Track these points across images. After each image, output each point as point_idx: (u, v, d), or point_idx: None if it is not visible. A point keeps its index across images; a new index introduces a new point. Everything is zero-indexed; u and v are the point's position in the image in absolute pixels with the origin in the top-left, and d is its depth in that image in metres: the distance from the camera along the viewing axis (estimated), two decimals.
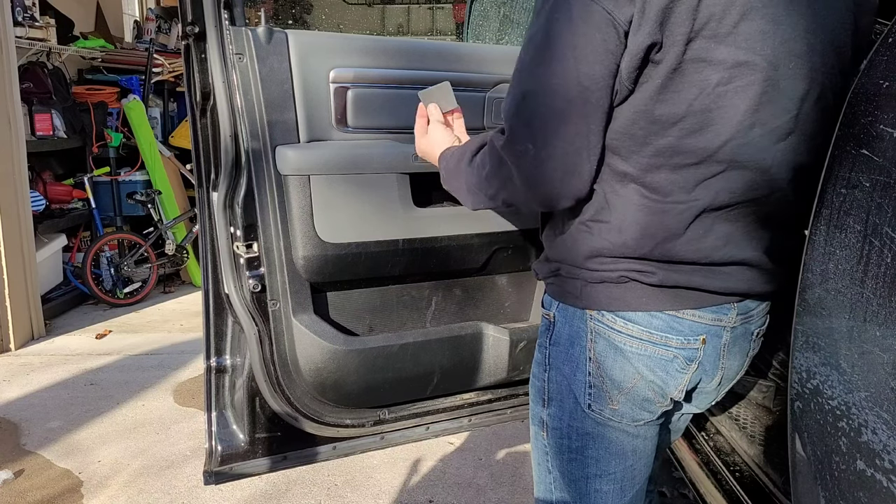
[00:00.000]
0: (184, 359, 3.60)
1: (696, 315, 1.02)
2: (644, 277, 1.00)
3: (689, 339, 1.02)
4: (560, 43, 0.91)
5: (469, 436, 2.75)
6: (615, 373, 1.05)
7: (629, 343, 1.02)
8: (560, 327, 1.10)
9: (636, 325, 1.02)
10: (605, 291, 1.03)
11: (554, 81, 0.92)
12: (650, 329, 1.01)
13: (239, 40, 1.42)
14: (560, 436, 1.13)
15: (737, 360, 1.11)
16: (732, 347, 1.08)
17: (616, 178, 0.98)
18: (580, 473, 1.13)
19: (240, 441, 1.61)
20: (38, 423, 2.88)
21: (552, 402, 1.13)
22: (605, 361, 1.05)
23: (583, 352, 1.07)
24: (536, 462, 1.21)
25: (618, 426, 1.09)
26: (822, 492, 0.91)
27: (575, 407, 1.10)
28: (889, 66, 0.82)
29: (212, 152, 1.51)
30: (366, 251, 1.56)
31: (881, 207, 0.79)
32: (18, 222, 3.76)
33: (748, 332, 1.10)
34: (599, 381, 1.06)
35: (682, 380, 1.05)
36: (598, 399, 1.07)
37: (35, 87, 4.31)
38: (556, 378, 1.12)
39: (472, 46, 2.57)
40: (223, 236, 1.51)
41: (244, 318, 1.52)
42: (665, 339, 1.02)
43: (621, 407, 1.07)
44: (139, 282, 4.63)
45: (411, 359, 1.64)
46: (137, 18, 6.32)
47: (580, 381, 1.08)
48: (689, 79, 0.90)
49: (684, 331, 1.02)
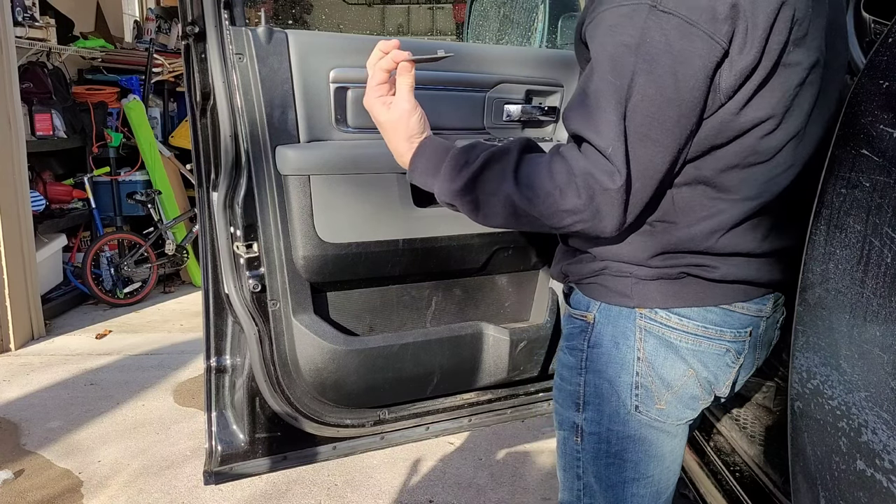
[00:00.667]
0: (184, 359, 3.60)
1: (745, 307, 1.04)
2: (705, 272, 1.00)
3: (740, 332, 1.05)
4: (657, 67, 0.87)
5: (469, 436, 2.75)
6: (665, 371, 1.04)
7: (684, 339, 1.02)
8: (601, 328, 1.07)
9: (691, 321, 1.02)
10: (660, 288, 1.02)
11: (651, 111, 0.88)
12: (706, 323, 1.02)
13: (239, 40, 1.42)
14: (598, 440, 1.10)
15: (765, 350, 1.13)
16: (764, 338, 1.11)
17: (686, 181, 0.98)
18: (617, 478, 1.11)
19: (240, 441, 1.61)
20: (38, 423, 2.88)
21: (589, 406, 1.10)
22: (655, 360, 1.04)
23: (630, 352, 1.05)
24: (563, 468, 1.18)
25: (661, 427, 1.08)
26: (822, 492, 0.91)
27: (617, 410, 1.08)
28: (889, 66, 0.82)
29: (212, 152, 1.51)
30: (366, 251, 1.56)
31: (881, 207, 0.79)
32: (18, 222, 3.76)
33: (775, 322, 1.12)
34: (648, 381, 1.05)
35: (730, 374, 1.07)
36: (644, 400, 1.06)
37: (35, 87, 4.32)
38: (594, 381, 1.09)
39: (472, 46, 2.57)
40: (223, 236, 1.51)
41: (244, 318, 1.52)
42: (720, 332, 1.03)
43: (668, 407, 1.06)
44: (139, 282, 4.63)
45: (411, 359, 1.64)
46: (137, 18, 6.32)
47: (625, 383, 1.06)
48: (775, 83, 0.92)
49: (735, 324, 1.04)
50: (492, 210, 0.97)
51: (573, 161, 0.91)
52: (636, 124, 0.88)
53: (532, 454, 2.66)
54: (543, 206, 0.92)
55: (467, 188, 0.97)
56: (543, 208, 0.92)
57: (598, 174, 0.89)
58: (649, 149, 0.89)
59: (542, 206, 0.92)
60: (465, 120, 1.69)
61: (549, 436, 2.78)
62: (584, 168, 0.90)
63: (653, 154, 0.90)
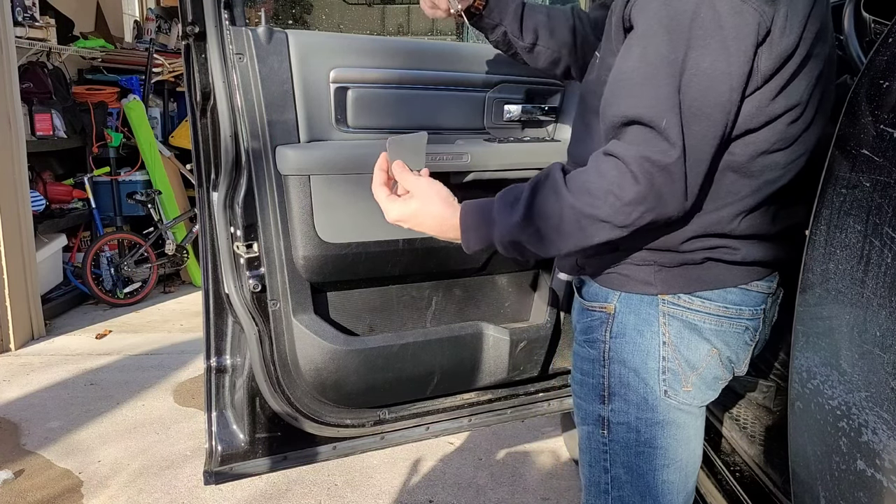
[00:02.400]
0: (184, 359, 3.60)
1: (759, 286, 1.07)
2: (728, 255, 1.03)
3: (756, 310, 1.08)
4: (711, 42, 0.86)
5: (469, 436, 2.75)
6: (690, 353, 1.07)
7: (707, 321, 1.05)
8: (623, 318, 1.08)
9: (713, 303, 1.05)
10: (683, 274, 1.04)
11: (705, 85, 0.87)
12: (726, 304, 1.05)
13: (239, 40, 1.42)
14: (627, 430, 1.11)
15: (768, 328, 1.15)
16: (769, 314, 1.13)
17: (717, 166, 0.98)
18: (648, 466, 1.11)
19: (240, 441, 1.61)
20: (38, 423, 2.88)
21: (615, 396, 1.11)
22: (680, 343, 1.06)
23: (655, 338, 1.07)
24: (589, 464, 1.18)
25: (688, 409, 1.11)
26: (822, 492, 0.91)
27: (646, 397, 1.09)
28: (889, 66, 0.82)
29: (212, 152, 1.51)
30: (366, 251, 1.56)
31: (881, 207, 0.79)
32: (18, 222, 3.76)
33: (777, 300, 1.15)
34: (675, 365, 1.07)
35: (748, 351, 1.11)
36: (672, 384, 1.08)
37: (35, 87, 4.31)
38: (618, 371, 1.10)
39: (472, 46, 2.57)
40: (223, 236, 1.51)
41: (244, 318, 1.52)
42: (739, 311, 1.06)
43: (694, 389, 1.09)
44: (139, 282, 4.63)
45: (411, 359, 1.64)
46: (137, 18, 6.32)
47: (652, 370, 1.08)
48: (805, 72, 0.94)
49: (752, 302, 1.07)
50: (559, 231, 0.93)
51: (620, 152, 0.89)
52: (690, 98, 0.87)
53: (532, 454, 2.66)
54: (607, 206, 0.89)
55: (527, 217, 0.95)
56: (607, 208, 0.89)
57: (652, 154, 0.87)
58: (703, 124, 0.88)
59: (606, 207, 0.89)
60: (466, 120, 1.69)
61: (549, 436, 2.78)
62: (635, 153, 0.88)
63: (706, 129, 0.88)
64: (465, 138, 1.67)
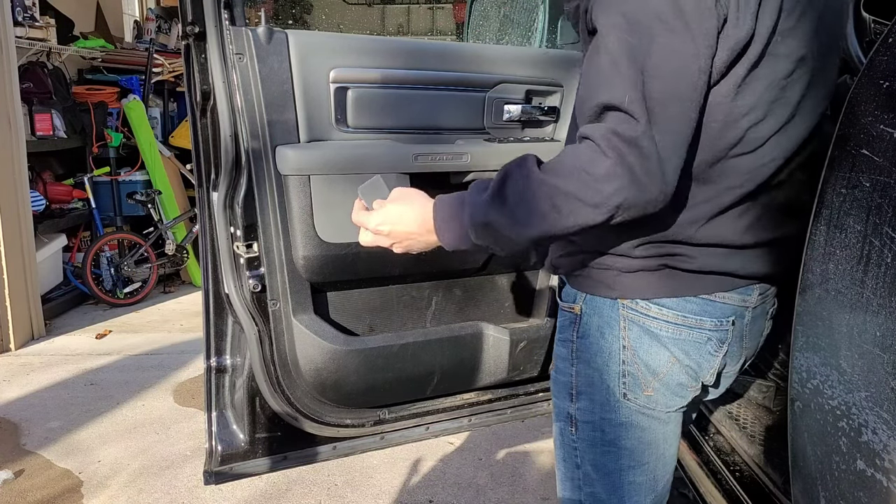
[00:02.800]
0: (184, 359, 3.60)
1: (726, 297, 1.05)
2: (683, 263, 1.01)
3: (721, 321, 1.05)
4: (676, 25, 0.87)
5: (469, 436, 2.75)
6: (650, 359, 1.06)
7: (664, 328, 1.04)
8: (588, 319, 1.10)
9: (671, 311, 1.04)
10: (640, 280, 1.04)
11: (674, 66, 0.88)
12: (685, 313, 1.04)
13: (239, 40, 1.42)
14: (592, 429, 1.13)
15: (755, 340, 1.13)
16: (752, 328, 1.11)
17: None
18: (614, 466, 1.13)
19: (240, 441, 1.61)
20: (38, 423, 2.88)
21: (581, 395, 1.13)
22: (639, 348, 1.06)
23: (616, 341, 1.08)
24: (562, 459, 1.20)
25: (651, 414, 1.10)
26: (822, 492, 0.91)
27: (608, 398, 1.10)
28: (889, 66, 0.82)
29: (212, 152, 1.51)
30: (366, 251, 1.55)
31: (881, 207, 0.79)
32: (18, 222, 3.76)
33: (765, 312, 1.13)
34: (634, 369, 1.07)
35: (714, 362, 1.07)
36: (632, 387, 1.08)
37: (35, 87, 4.31)
38: (584, 371, 1.12)
39: (472, 46, 2.57)
40: (223, 236, 1.51)
41: (244, 318, 1.52)
42: (699, 321, 1.04)
43: (656, 394, 1.08)
44: (139, 282, 4.63)
45: (411, 359, 1.64)
46: (137, 18, 6.32)
47: (613, 371, 1.09)
48: (763, 71, 0.93)
49: (716, 313, 1.05)
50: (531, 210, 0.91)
51: (590, 131, 0.89)
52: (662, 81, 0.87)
53: (532, 454, 2.66)
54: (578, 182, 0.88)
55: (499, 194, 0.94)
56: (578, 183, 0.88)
57: (618, 126, 0.87)
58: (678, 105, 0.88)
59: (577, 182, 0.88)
60: (465, 120, 1.69)
61: (548, 436, 2.78)
62: (604, 129, 0.88)
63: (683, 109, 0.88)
64: (465, 138, 1.67)
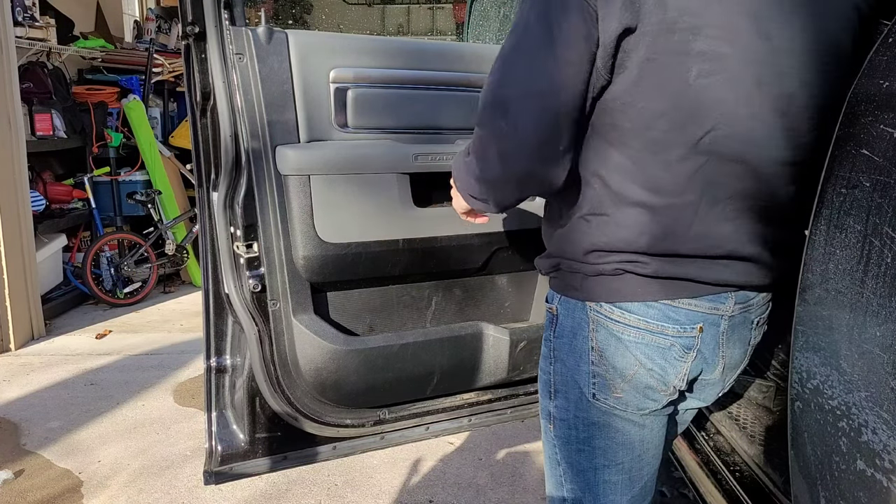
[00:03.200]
0: (184, 359, 3.60)
1: (692, 304, 1.04)
2: (638, 268, 1.02)
3: (686, 328, 1.04)
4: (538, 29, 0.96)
5: (469, 436, 2.75)
6: (617, 361, 1.07)
7: (627, 332, 1.05)
8: (563, 320, 1.13)
9: (633, 315, 1.04)
10: (602, 284, 1.05)
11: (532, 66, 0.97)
12: (646, 318, 1.03)
13: (239, 40, 1.42)
14: (567, 427, 1.15)
15: (738, 349, 1.12)
16: (732, 336, 1.09)
17: (613, 170, 1.00)
18: (588, 464, 1.15)
19: (240, 441, 1.61)
20: (38, 423, 2.88)
21: (559, 393, 1.15)
22: (606, 350, 1.07)
23: (585, 342, 1.09)
24: (547, 456, 1.23)
25: (623, 415, 1.10)
26: (822, 492, 0.91)
27: (580, 397, 1.12)
28: (889, 66, 0.82)
29: (212, 152, 1.51)
30: (366, 251, 1.56)
31: (881, 207, 0.79)
32: (18, 222, 3.76)
33: (748, 321, 1.10)
34: (603, 370, 1.08)
35: (681, 368, 1.06)
36: (602, 388, 1.09)
37: (35, 87, 4.31)
38: (560, 370, 1.14)
39: (472, 46, 2.57)
40: (223, 236, 1.51)
41: (244, 318, 1.52)
42: (661, 327, 1.04)
43: (625, 395, 1.08)
44: (139, 282, 4.63)
45: (411, 359, 1.64)
46: (137, 18, 6.32)
47: (584, 372, 1.10)
48: (671, 72, 0.93)
49: (680, 319, 1.04)
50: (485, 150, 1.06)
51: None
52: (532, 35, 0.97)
53: (532, 454, 2.66)
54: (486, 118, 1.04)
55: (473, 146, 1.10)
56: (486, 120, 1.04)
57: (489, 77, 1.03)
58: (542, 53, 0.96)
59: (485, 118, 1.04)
60: (466, 120, 1.69)
61: None
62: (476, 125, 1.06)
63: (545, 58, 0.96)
64: (465, 138, 1.67)
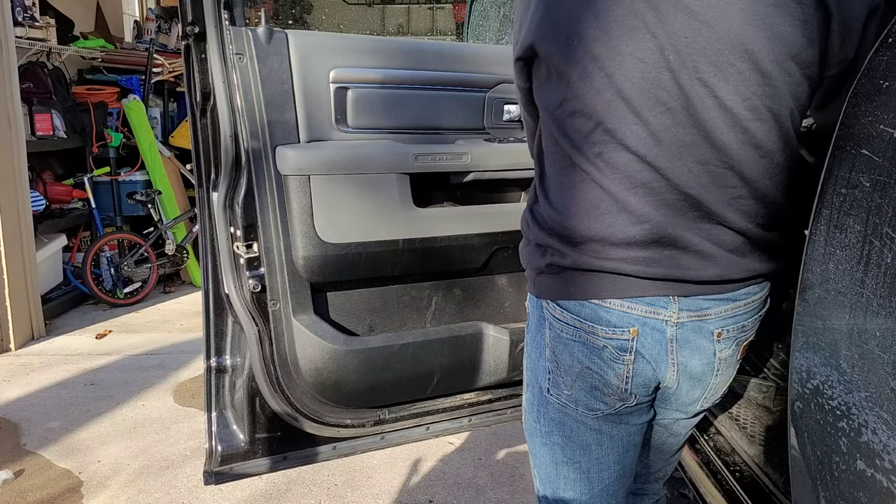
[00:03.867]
0: (184, 359, 3.60)
1: (625, 305, 1.01)
2: (558, 259, 1.04)
3: (616, 330, 1.02)
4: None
5: (469, 436, 2.75)
6: (563, 359, 1.09)
7: (565, 330, 1.07)
8: (530, 316, 1.17)
9: (568, 313, 1.06)
10: (545, 280, 1.09)
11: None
12: (580, 318, 1.04)
13: (239, 40, 1.42)
14: (534, 420, 1.19)
15: (696, 360, 1.06)
16: (684, 344, 1.04)
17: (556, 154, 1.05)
18: (549, 458, 1.18)
19: (240, 441, 1.61)
20: (38, 423, 2.88)
21: (529, 387, 1.20)
22: (556, 347, 1.10)
23: (542, 338, 1.13)
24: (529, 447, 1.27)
25: (575, 415, 1.12)
26: (822, 492, 0.91)
27: (540, 392, 1.16)
28: (889, 66, 0.82)
29: (212, 152, 1.51)
30: (366, 251, 1.56)
31: (881, 207, 0.79)
32: (18, 222, 3.76)
33: (704, 331, 1.04)
34: (554, 367, 1.11)
35: (620, 370, 1.04)
36: (555, 384, 1.12)
37: (35, 87, 4.31)
38: (529, 364, 1.19)
39: (472, 46, 2.57)
40: (223, 236, 1.51)
41: (244, 318, 1.52)
42: (592, 328, 1.03)
43: (575, 393, 1.10)
44: (139, 282, 4.63)
45: (411, 359, 1.64)
46: (137, 18, 6.32)
47: (542, 367, 1.14)
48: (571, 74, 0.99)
49: (612, 321, 1.02)
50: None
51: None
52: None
53: None
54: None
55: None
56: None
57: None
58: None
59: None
60: (466, 120, 1.69)
61: None
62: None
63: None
64: (465, 138, 1.67)
